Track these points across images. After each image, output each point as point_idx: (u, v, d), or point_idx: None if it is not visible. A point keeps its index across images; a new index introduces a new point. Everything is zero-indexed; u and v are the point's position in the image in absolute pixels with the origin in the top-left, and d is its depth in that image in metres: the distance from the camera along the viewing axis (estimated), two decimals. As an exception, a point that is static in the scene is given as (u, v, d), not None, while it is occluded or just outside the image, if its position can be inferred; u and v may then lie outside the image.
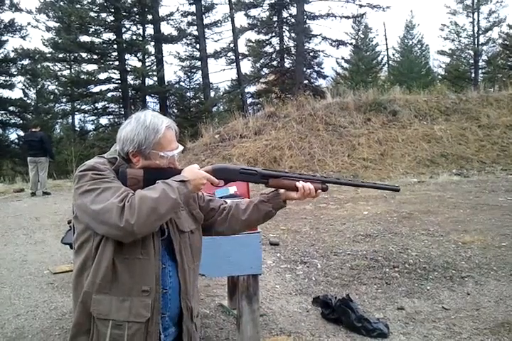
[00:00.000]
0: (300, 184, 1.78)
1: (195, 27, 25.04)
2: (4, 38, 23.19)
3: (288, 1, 24.26)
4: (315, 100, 15.87)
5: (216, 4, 25.38)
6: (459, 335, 3.47)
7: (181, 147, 1.71)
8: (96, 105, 24.66)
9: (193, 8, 24.81)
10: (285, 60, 26.56)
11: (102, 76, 23.05)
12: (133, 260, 1.55)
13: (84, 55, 23.15)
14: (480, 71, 31.46)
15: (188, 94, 26.81)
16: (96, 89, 23.55)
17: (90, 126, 27.50)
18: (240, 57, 25.60)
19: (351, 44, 27.70)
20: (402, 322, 3.74)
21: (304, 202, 8.46)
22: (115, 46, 23.20)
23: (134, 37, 24.23)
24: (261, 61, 27.38)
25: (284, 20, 25.48)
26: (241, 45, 31.48)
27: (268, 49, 26.90)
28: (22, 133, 22.41)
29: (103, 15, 22.93)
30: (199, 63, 25.35)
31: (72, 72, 24.39)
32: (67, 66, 25.56)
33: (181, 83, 26.51)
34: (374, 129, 14.43)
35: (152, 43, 24.46)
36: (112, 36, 23.21)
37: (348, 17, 24.25)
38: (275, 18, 25.55)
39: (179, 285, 1.67)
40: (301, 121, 14.57)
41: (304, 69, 24.58)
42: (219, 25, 25.62)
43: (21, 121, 23.73)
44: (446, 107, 15.48)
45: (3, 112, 23.52)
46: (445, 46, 34.36)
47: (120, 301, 1.54)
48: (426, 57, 36.63)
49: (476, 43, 30.68)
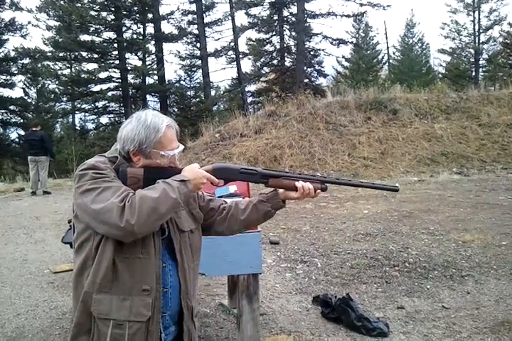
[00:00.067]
0: (299, 184, 1.78)
1: (195, 26, 25.00)
2: (5, 37, 23.11)
3: (288, 0, 24.23)
4: (315, 99, 15.86)
5: (216, 3, 25.36)
6: (459, 334, 3.47)
7: (182, 146, 1.71)
8: (96, 104, 24.61)
9: (194, 6, 24.79)
10: (285, 59, 26.55)
11: (103, 75, 23.04)
12: (133, 259, 1.55)
13: (84, 54, 23.12)
14: (480, 69, 31.46)
15: (189, 93, 26.76)
16: (96, 88, 23.54)
17: (91, 125, 27.47)
18: (241, 55, 25.55)
19: (352, 43, 27.68)
20: (402, 321, 3.74)
21: (304, 201, 8.46)
22: (115, 45, 23.14)
23: (135, 36, 24.18)
24: (261, 60, 27.37)
25: (285, 18, 25.47)
26: (241, 44, 31.43)
27: (268, 48, 26.91)
28: (22, 132, 22.36)
29: (103, 14, 22.87)
30: (199, 62, 25.32)
31: (72, 71, 24.34)
32: (67, 65, 25.50)
33: (182, 82, 26.49)
34: (374, 128, 14.43)
35: (152, 42, 24.42)
36: (113, 35, 23.16)
37: (349, 16, 24.23)
38: (276, 17, 25.53)
39: (179, 284, 1.67)
40: (301, 120, 14.56)
41: (305, 68, 24.56)
42: (219, 23, 25.60)
43: (22, 120, 23.66)
44: (446, 106, 15.47)
45: (3, 111, 23.46)
46: (446, 45, 34.48)
47: (121, 300, 1.54)
48: (426, 55, 36.67)
49: (477, 42, 30.65)
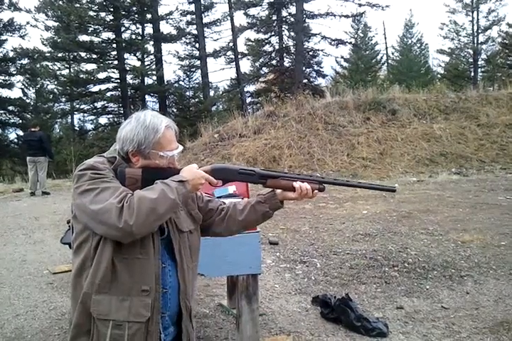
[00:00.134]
0: (297, 184, 1.78)
1: (194, 26, 25.00)
2: (3, 38, 23.14)
3: (287, 0, 24.24)
4: (314, 99, 15.85)
5: (215, 3, 25.40)
6: (458, 334, 3.47)
7: (181, 147, 1.71)
8: (95, 104, 24.62)
9: (193, 7, 24.79)
10: (284, 59, 26.57)
11: (101, 75, 23.04)
12: (132, 260, 1.55)
13: (83, 55, 23.10)
14: (479, 70, 31.48)
15: (188, 94, 26.77)
16: (95, 88, 23.55)
17: (89, 126, 27.48)
18: (239, 56, 25.57)
19: (350, 43, 27.72)
20: (402, 321, 3.74)
21: (304, 202, 8.46)
22: (114, 45, 23.15)
23: (133, 36, 24.21)
24: (260, 60, 27.38)
25: (284, 19, 25.49)
26: (240, 44, 31.56)
27: (267, 48, 26.93)
28: (21, 132, 22.35)
29: (102, 14, 22.88)
30: (198, 62, 25.32)
31: (71, 72, 24.35)
32: (66, 65, 25.50)
33: (180, 82, 26.50)
34: (373, 128, 14.43)
35: (151, 42, 24.43)
36: (111, 35, 23.17)
37: (348, 16, 24.31)
38: (274, 17, 25.55)
39: (178, 284, 1.67)
40: (300, 121, 14.56)
41: (304, 68, 24.59)
42: (218, 24, 25.62)
43: (20, 121, 23.67)
44: (445, 106, 15.47)
45: (2, 112, 23.44)
46: (444, 45, 34.39)
47: (120, 301, 1.53)
48: (425, 56, 36.75)
49: (476, 42, 30.69)
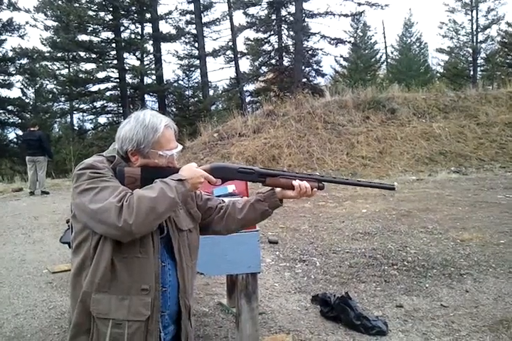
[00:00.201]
0: (296, 182, 1.78)
1: (193, 25, 24.98)
2: (2, 37, 23.10)
3: (286, -1, 24.26)
4: (314, 98, 15.86)
5: (214, 3, 25.35)
6: (458, 332, 3.48)
7: (180, 146, 1.71)
8: (94, 104, 24.59)
9: (192, 6, 24.77)
10: (284, 59, 26.55)
11: (101, 75, 23.00)
12: (132, 259, 1.55)
13: (82, 54, 23.07)
14: (478, 69, 31.48)
15: (187, 93, 26.75)
16: (94, 88, 23.53)
17: (89, 125, 27.43)
18: (239, 55, 25.54)
19: (350, 42, 27.74)
20: (401, 319, 3.75)
21: (303, 201, 8.47)
22: (113, 45, 23.12)
23: (133, 36, 24.17)
24: (259, 59, 27.36)
25: (283, 18, 25.45)
26: (240, 44, 31.56)
27: (267, 47, 26.87)
28: (20, 132, 22.33)
29: (101, 14, 22.84)
30: (197, 62, 25.30)
31: (70, 71, 24.27)
32: (65, 65, 25.44)
33: (180, 82, 26.48)
34: (373, 127, 14.43)
35: (150, 42, 24.40)
36: (111, 35, 23.15)
37: (347, 15, 24.29)
38: (274, 17, 25.52)
39: (178, 283, 1.67)
40: (299, 120, 14.56)
41: (303, 67, 24.56)
42: (217, 23, 25.58)
43: (20, 121, 23.64)
44: (444, 105, 15.48)
45: (1, 111, 23.40)
46: (444, 44, 34.33)
47: (119, 300, 1.53)
48: (424, 55, 36.73)
49: (475, 41, 30.68)
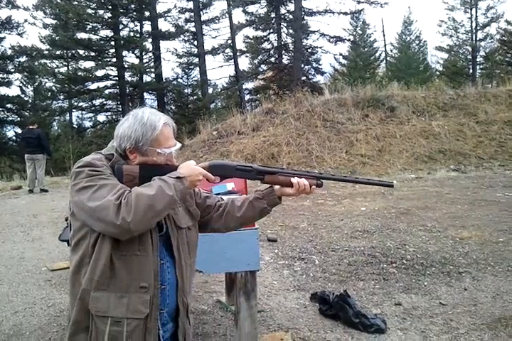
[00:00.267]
0: (295, 180, 1.78)
1: (192, 23, 24.96)
2: (1, 35, 23.04)
3: (286, -3, 24.22)
4: (313, 96, 15.85)
5: (214, 0, 25.32)
6: (456, 330, 3.48)
7: (179, 144, 1.70)
8: (93, 102, 24.55)
9: (191, 4, 24.75)
10: (283, 57, 26.53)
11: (100, 73, 23.02)
12: (130, 256, 1.55)
13: (81, 52, 23.05)
14: (478, 67, 31.46)
15: (186, 91, 26.73)
16: (93, 86, 23.53)
17: (88, 123, 27.41)
18: (238, 53, 25.54)
19: (349, 40, 27.68)
20: (400, 317, 3.75)
21: (302, 198, 8.47)
22: (112, 43, 23.13)
23: (132, 34, 24.13)
24: (259, 57, 27.33)
25: (282, 16, 25.41)
26: (239, 42, 31.56)
27: (266, 45, 26.83)
28: (19, 130, 22.28)
29: (100, 12, 22.83)
30: (197, 60, 25.29)
31: (69, 69, 24.27)
32: (64, 63, 25.41)
33: (179, 80, 26.48)
34: (372, 125, 14.42)
35: (150, 40, 24.40)
36: (110, 33, 23.14)
37: (346, 13, 24.26)
38: (273, 15, 25.49)
39: (176, 281, 1.67)
40: (299, 118, 14.55)
41: (302, 65, 24.53)
42: (217, 21, 25.57)
43: (19, 119, 23.61)
44: (444, 103, 15.46)
45: (0, 109, 23.40)
46: (443, 42, 34.54)
47: (118, 298, 1.54)
48: (424, 53, 36.75)
49: (474, 39, 30.67)
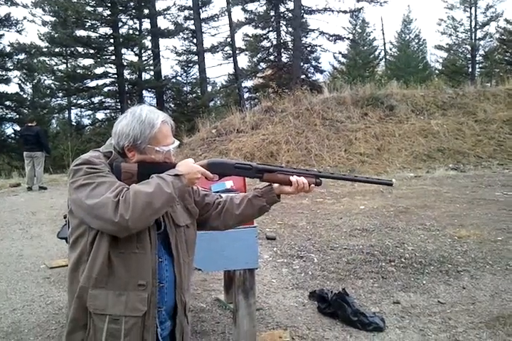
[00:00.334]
0: (294, 178, 1.78)
1: (191, 21, 24.94)
2: (0, 33, 23.01)
3: (285, -4, 24.17)
4: (312, 95, 15.83)
5: (213, -2, 25.30)
6: (455, 329, 3.49)
7: (177, 142, 1.70)
8: (92, 100, 24.59)
9: (190, 2, 24.75)
10: (282, 55, 26.47)
11: (99, 70, 23.02)
12: (129, 254, 1.55)
13: (80, 50, 23.03)
14: (477, 66, 31.48)
15: (185, 89, 26.75)
16: (92, 83, 23.54)
17: (87, 121, 27.46)
18: (237, 51, 25.52)
19: (348, 39, 27.67)
20: (398, 316, 3.75)
21: (301, 197, 8.47)
22: (111, 40, 23.11)
23: (131, 31, 24.11)
24: (258, 56, 27.29)
25: (281, 14, 25.36)
26: (238, 40, 31.51)
27: (265, 43, 26.80)
28: (18, 127, 22.28)
29: (99, 9, 22.81)
30: (196, 58, 25.28)
31: (68, 67, 24.25)
32: (63, 60, 25.41)
33: (178, 78, 26.50)
34: (371, 124, 14.42)
35: (149, 38, 24.38)
36: (109, 30, 23.12)
37: (346, 11, 24.19)
38: (272, 13, 25.44)
39: (175, 279, 1.67)
40: (298, 116, 14.54)
41: (301, 63, 24.49)
42: (216, 19, 25.58)
43: (17, 116, 23.60)
44: (443, 102, 15.47)
45: (-1, 107, 23.44)
46: (442, 41, 34.53)
47: (116, 295, 1.53)
48: (423, 51, 36.81)
49: (473, 38, 30.67)
